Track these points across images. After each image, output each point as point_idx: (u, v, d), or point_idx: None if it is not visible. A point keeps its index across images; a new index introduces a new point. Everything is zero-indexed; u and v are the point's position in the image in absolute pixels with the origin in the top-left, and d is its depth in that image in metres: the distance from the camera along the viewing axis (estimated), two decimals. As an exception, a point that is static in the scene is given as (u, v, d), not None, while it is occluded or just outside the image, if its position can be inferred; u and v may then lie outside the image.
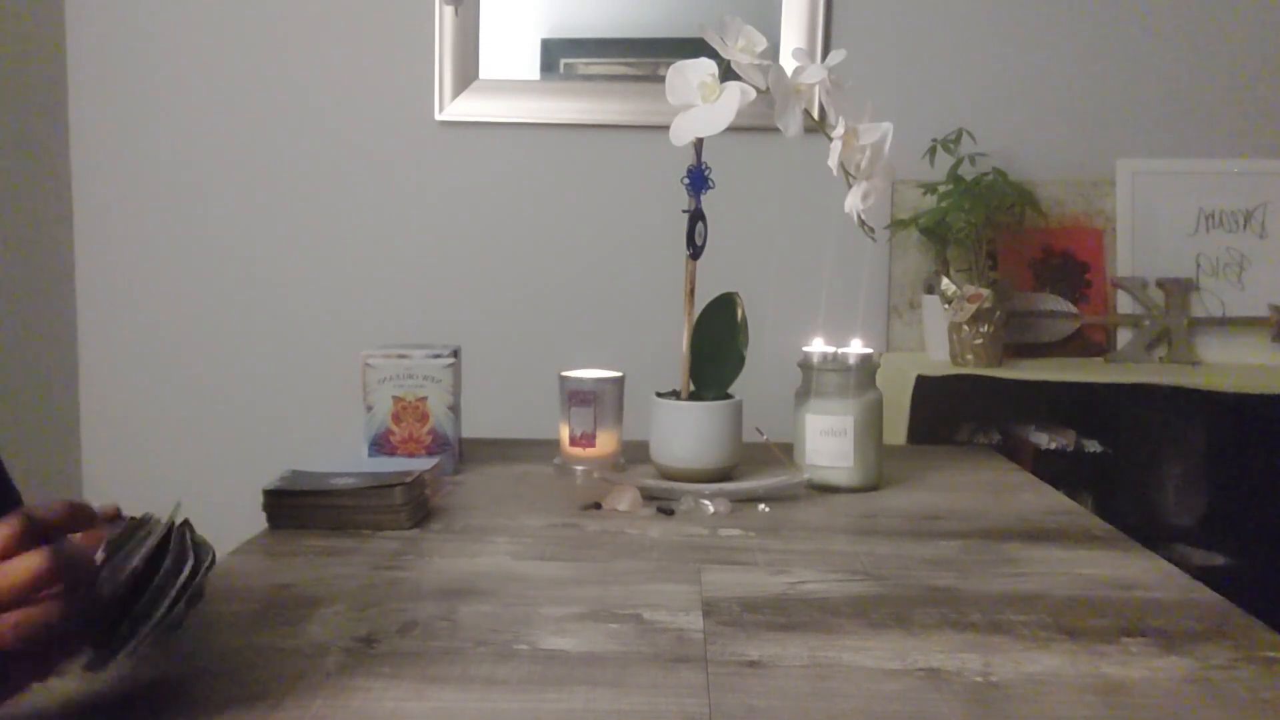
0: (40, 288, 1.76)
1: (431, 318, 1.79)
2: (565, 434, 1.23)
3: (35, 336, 1.74)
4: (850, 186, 1.13)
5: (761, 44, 1.10)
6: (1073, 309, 1.70)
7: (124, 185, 1.81)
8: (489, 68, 1.77)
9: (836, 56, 1.11)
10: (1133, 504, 1.60)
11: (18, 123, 1.70)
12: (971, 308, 1.56)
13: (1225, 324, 1.67)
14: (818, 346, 1.18)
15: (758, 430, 1.23)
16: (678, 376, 1.21)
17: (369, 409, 1.18)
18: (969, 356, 1.58)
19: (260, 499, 0.98)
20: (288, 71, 1.79)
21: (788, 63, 1.14)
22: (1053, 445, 1.53)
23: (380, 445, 1.18)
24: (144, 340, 1.82)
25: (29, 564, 0.52)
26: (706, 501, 1.06)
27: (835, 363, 1.16)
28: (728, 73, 1.09)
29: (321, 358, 1.79)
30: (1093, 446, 1.54)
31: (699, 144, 1.15)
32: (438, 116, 1.77)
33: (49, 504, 0.57)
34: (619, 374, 1.25)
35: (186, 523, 0.63)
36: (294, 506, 0.98)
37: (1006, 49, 1.76)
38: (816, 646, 0.71)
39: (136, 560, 0.59)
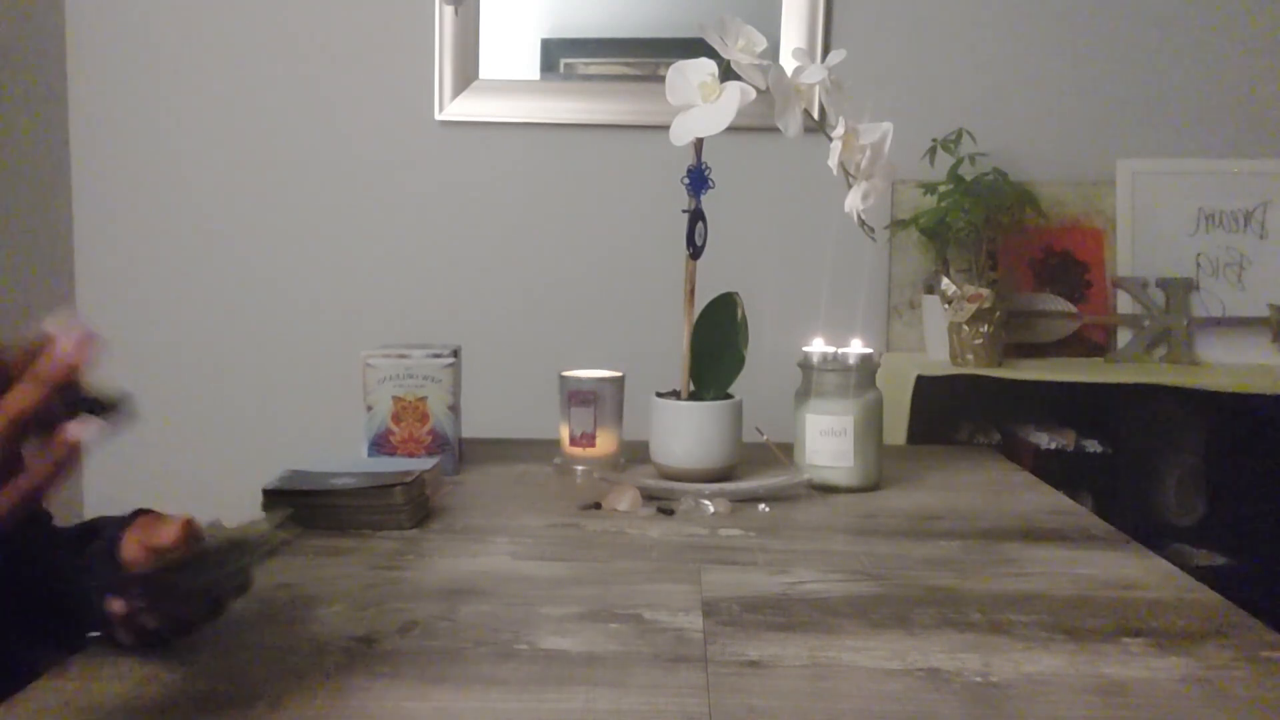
0: (40, 287, 1.76)
1: (431, 318, 1.79)
2: (565, 434, 1.23)
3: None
4: (850, 186, 1.13)
5: (761, 44, 1.10)
6: (1073, 309, 1.70)
7: (124, 185, 1.81)
8: (489, 68, 1.77)
9: (836, 56, 1.11)
10: (1133, 504, 1.60)
11: (18, 122, 1.69)
12: (971, 308, 1.56)
13: (1225, 324, 1.67)
14: (818, 346, 1.18)
15: (758, 430, 1.23)
16: (678, 376, 1.21)
17: (369, 409, 1.18)
18: (969, 356, 1.58)
19: (260, 499, 0.98)
20: (288, 71, 1.78)
21: (788, 63, 1.14)
22: (1053, 445, 1.53)
23: (380, 445, 1.18)
24: (144, 340, 1.82)
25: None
26: (706, 501, 1.06)
27: (835, 363, 1.16)
28: (728, 73, 1.09)
29: (321, 358, 1.79)
30: (1093, 446, 1.54)
31: (699, 144, 1.15)
32: (438, 116, 1.77)
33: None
34: (619, 374, 1.25)
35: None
36: (294, 506, 0.98)
37: (1006, 49, 1.76)
38: (816, 646, 0.71)
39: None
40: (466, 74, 1.76)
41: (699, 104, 1.08)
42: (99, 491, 1.80)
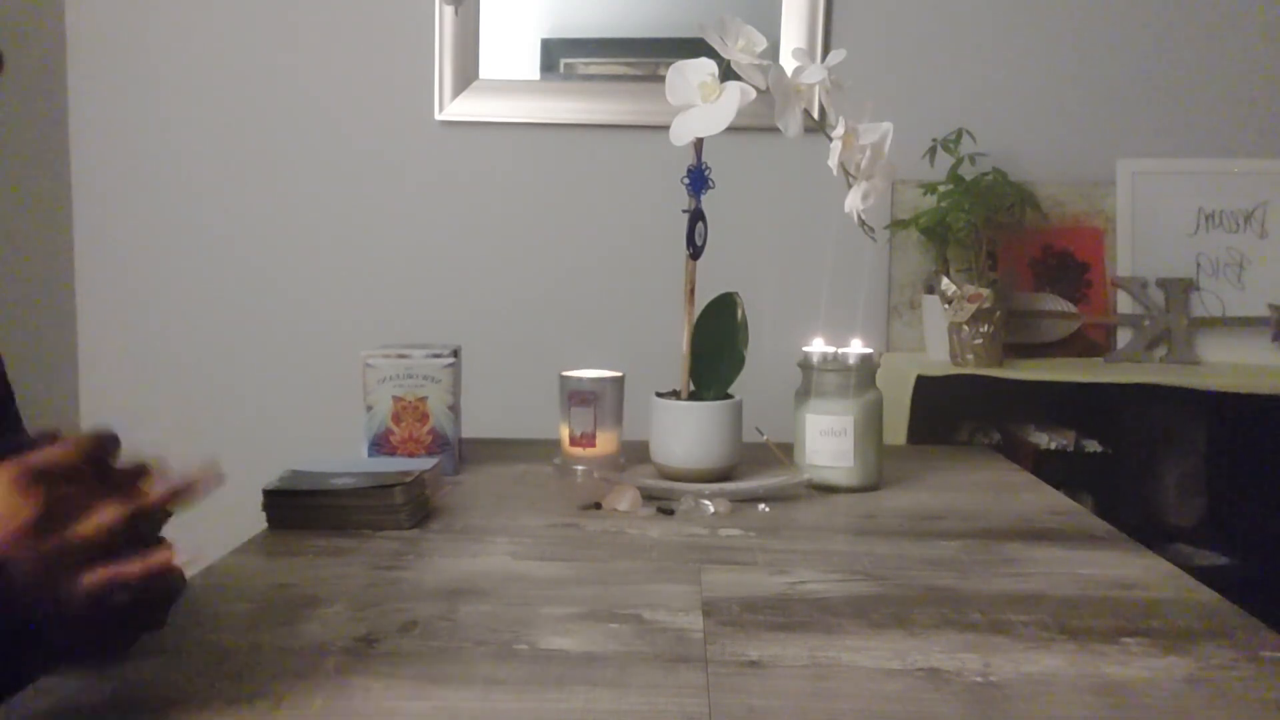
0: (40, 288, 1.76)
1: (431, 318, 1.79)
2: (565, 434, 1.23)
3: (35, 336, 1.74)
4: (850, 186, 1.13)
5: (761, 44, 1.10)
6: (1073, 309, 1.70)
7: (124, 185, 1.81)
8: (489, 68, 1.77)
9: (836, 56, 1.11)
10: (1133, 504, 1.60)
11: (18, 121, 1.69)
12: (971, 308, 1.56)
13: (1225, 324, 1.67)
14: (818, 346, 1.18)
15: (758, 430, 1.23)
16: (678, 376, 1.21)
17: (369, 409, 1.18)
18: (969, 356, 1.58)
19: (260, 499, 0.98)
20: (288, 71, 1.78)
21: (788, 63, 1.14)
22: (1053, 445, 1.52)
23: (380, 445, 1.18)
24: (143, 340, 1.82)
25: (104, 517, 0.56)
26: (706, 501, 1.06)
27: (835, 363, 1.16)
28: (728, 73, 1.09)
29: (321, 358, 1.79)
30: (1093, 446, 1.54)
31: (699, 144, 1.15)
32: (438, 116, 1.77)
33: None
34: (619, 374, 1.25)
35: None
36: (294, 506, 0.98)
37: (1006, 49, 1.76)
38: (816, 646, 0.71)
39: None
40: (466, 74, 1.76)
41: (699, 104, 1.08)
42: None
